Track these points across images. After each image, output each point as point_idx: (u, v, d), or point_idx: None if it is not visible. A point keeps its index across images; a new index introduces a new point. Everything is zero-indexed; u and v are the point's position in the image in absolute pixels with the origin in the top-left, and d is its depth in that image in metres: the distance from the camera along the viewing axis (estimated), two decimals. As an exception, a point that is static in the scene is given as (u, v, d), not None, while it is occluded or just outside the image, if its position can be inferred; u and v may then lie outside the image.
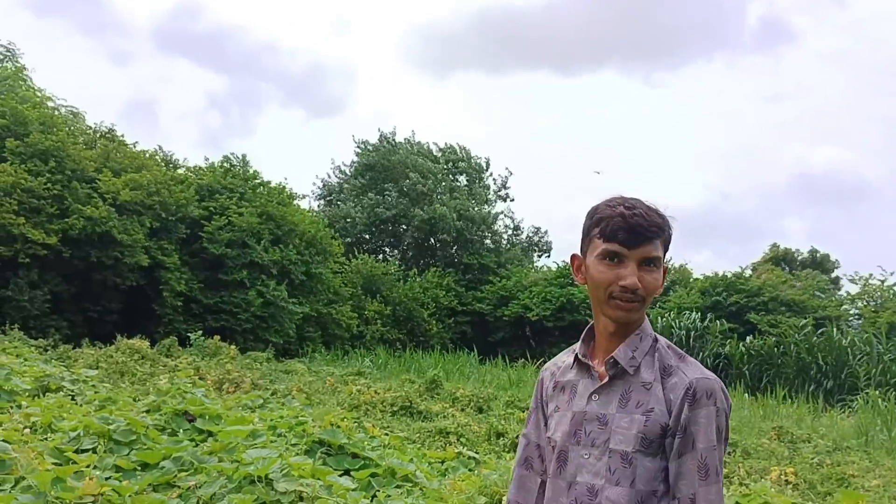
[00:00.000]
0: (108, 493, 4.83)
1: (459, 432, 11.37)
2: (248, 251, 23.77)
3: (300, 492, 5.59)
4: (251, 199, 25.07)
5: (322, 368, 19.93)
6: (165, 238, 22.83)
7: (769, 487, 7.50)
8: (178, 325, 22.27)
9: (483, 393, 15.68)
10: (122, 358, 13.54)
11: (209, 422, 7.94)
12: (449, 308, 33.25)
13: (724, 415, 1.66)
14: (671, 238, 1.81)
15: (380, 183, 37.90)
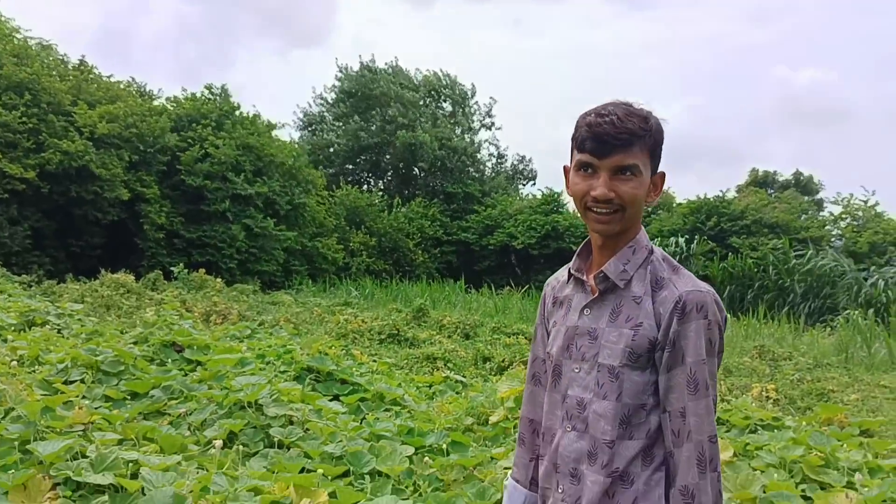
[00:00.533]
0: (98, 422, 4.87)
1: (446, 358, 11.51)
2: (230, 184, 23.50)
3: (290, 416, 5.66)
4: (229, 129, 24.66)
5: (309, 300, 20.00)
6: (144, 170, 22.50)
7: (750, 403, 7.68)
8: (162, 259, 22.14)
9: (469, 320, 15.82)
10: (107, 292, 13.50)
11: (197, 352, 7.97)
12: (434, 238, 33.27)
13: (717, 327, 1.63)
14: (659, 143, 1.73)
15: (362, 111, 37.38)
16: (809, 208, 32.68)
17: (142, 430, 4.83)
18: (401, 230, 31.82)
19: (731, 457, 5.20)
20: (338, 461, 4.88)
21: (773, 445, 5.47)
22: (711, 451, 1.59)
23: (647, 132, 1.69)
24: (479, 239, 33.33)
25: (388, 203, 34.19)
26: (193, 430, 5.38)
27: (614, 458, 1.67)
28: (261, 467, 4.51)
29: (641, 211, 1.77)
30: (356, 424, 6.01)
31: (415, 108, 37.20)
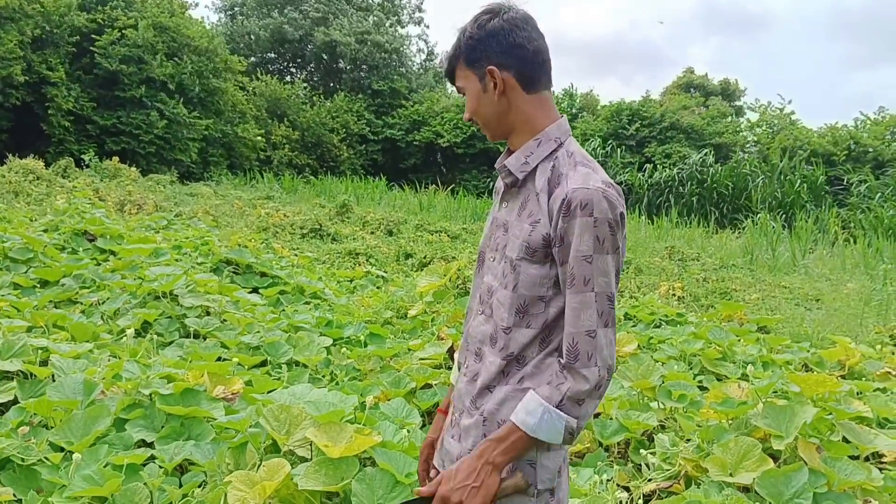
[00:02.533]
0: (6, 309, 4.75)
1: (369, 253, 11.57)
2: (144, 67, 22.32)
3: (207, 307, 5.64)
4: (139, 9, 23.24)
5: (229, 192, 19.56)
6: (51, 51, 21.12)
7: (657, 300, 8.05)
8: (71, 146, 21.12)
9: (393, 217, 15.84)
10: (14, 178, 12.89)
11: (111, 241, 7.79)
12: (360, 135, 32.71)
13: (607, 224, 1.60)
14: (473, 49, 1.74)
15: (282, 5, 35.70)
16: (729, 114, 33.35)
17: (52, 318, 4.75)
18: (324, 125, 31.12)
19: (635, 349, 5.48)
20: (255, 351, 4.93)
21: (674, 339, 5.78)
22: (586, 344, 1.61)
23: (458, 53, 1.76)
24: (405, 135, 32.96)
25: (311, 97, 33.24)
26: (106, 320, 5.31)
27: (510, 343, 1.74)
28: (175, 356, 4.51)
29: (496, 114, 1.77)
30: (274, 316, 6.05)
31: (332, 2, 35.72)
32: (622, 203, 1.66)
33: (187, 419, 3.26)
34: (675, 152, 27.37)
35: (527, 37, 1.73)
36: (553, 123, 1.78)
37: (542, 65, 1.76)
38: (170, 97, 23.05)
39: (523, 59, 1.73)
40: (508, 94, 1.73)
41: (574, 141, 1.80)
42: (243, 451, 3.00)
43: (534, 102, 1.76)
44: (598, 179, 1.65)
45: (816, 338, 7.03)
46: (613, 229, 1.61)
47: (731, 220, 22.30)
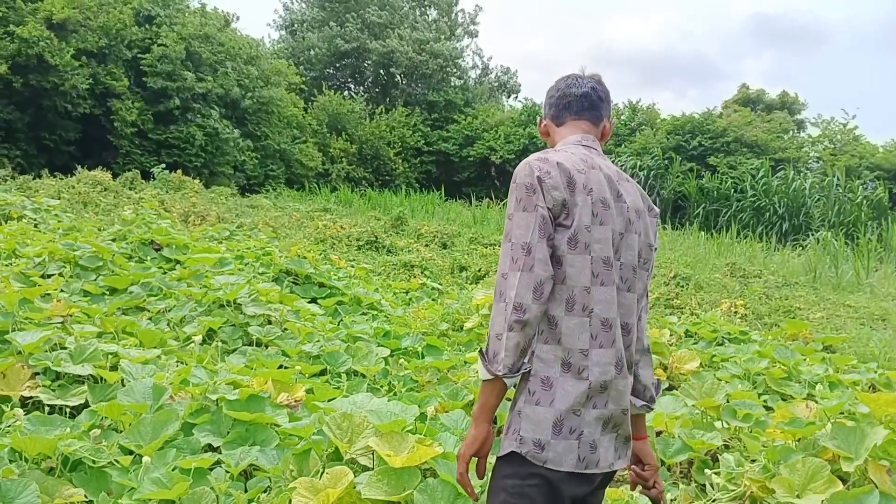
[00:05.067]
0: (77, 315, 4.90)
1: (424, 265, 11.62)
2: (184, 81, 22.82)
3: (269, 316, 5.74)
4: (184, 22, 23.80)
5: (288, 204, 19.89)
6: (114, 63, 21.82)
7: (719, 317, 7.89)
8: (137, 158, 21.77)
9: (447, 230, 15.89)
10: (84, 189, 13.34)
11: (176, 251, 7.99)
12: (415, 148, 32.96)
13: (522, 188, 1.91)
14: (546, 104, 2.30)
15: (341, 14, 36.28)
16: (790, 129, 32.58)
17: (121, 324, 4.89)
18: (382, 138, 31.44)
19: (697, 367, 5.38)
20: (315, 360, 4.99)
21: (738, 358, 5.66)
22: (502, 285, 1.87)
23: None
24: (460, 150, 33.08)
25: (371, 111, 33.64)
26: (173, 326, 5.45)
27: None
28: (239, 363, 4.60)
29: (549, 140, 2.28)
30: (333, 326, 6.12)
31: (393, 10, 36.14)
32: (545, 170, 1.93)
33: (252, 425, 3.32)
34: (741, 164, 26.84)
35: (563, 85, 2.25)
36: (561, 140, 2.20)
37: (569, 105, 2.23)
38: (211, 109, 23.43)
39: (556, 104, 2.25)
40: (551, 134, 2.27)
41: (567, 147, 2.12)
42: (307, 457, 3.04)
43: (568, 130, 2.22)
44: (534, 157, 1.99)
45: (884, 358, 6.80)
46: (525, 191, 1.90)
47: (791, 237, 21.75)
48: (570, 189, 1.91)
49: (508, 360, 1.82)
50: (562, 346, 1.88)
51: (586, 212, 1.91)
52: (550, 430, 1.86)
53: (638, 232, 2.05)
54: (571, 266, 1.89)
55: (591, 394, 1.89)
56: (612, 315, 1.93)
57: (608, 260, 1.93)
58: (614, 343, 1.93)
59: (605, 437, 1.93)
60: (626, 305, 2.01)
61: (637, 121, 33.39)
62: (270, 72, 26.24)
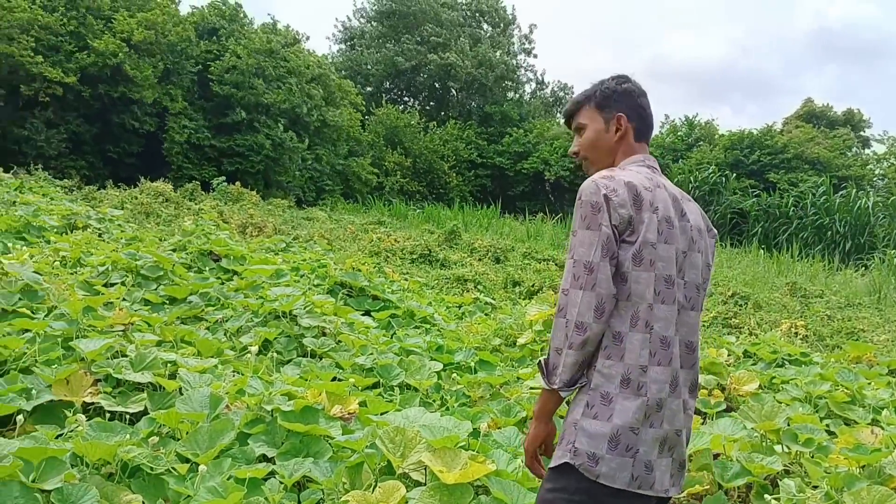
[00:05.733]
0: (138, 323, 5.02)
1: (477, 280, 11.60)
2: (253, 90, 23.34)
3: (323, 327, 5.79)
4: (250, 36, 24.39)
5: (343, 217, 20.14)
6: (175, 81, 22.48)
7: (779, 338, 7.68)
8: (188, 171, 22.34)
9: (501, 244, 15.86)
10: (146, 199, 13.72)
11: (234, 262, 8.14)
12: (469, 161, 33.04)
13: (588, 205, 1.92)
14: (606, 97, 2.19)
15: (399, 31, 36.69)
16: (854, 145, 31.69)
17: (180, 334, 4.98)
18: (436, 152, 31.63)
19: (756, 389, 5.24)
20: (368, 373, 5.01)
21: (799, 380, 5.49)
22: (563, 301, 1.91)
23: (588, 97, 2.22)
24: (514, 164, 33.05)
25: (425, 124, 33.87)
26: (229, 336, 5.54)
27: None
28: (294, 374, 4.64)
29: (606, 147, 2.19)
30: (387, 339, 6.14)
31: (452, 27, 36.40)
32: (612, 188, 1.93)
33: (306, 437, 3.34)
34: (802, 181, 26.18)
35: (646, 103, 2.23)
36: (622, 163, 2.16)
37: (649, 126, 2.22)
38: (277, 122, 23.93)
39: (641, 118, 2.20)
40: (625, 137, 2.16)
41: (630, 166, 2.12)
42: (359, 471, 3.05)
43: (634, 148, 2.17)
44: (601, 175, 2.00)
45: (954, 384, 6.51)
46: (591, 208, 1.92)
47: (853, 256, 21.09)
48: (637, 206, 1.93)
49: (566, 375, 1.90)
50: (624, 362, 1.90)
51: (652, 229, 1.93)
52: (606, 445, 1.87)
53: (701, 251, 2.07)
54: (636, 282, 1.91)
55: (649, 412, 1.90)
56: (671, 333, 1.94)
57: (670, 278, 1.95)
58: (671, 362, 1.94)
59: (662, 461, 1.92)
60: (690, 324, 2.02)
61: (694, 136, 32.91)
62: (336, 89, 26.71)
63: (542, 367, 1.96)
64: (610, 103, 2.18)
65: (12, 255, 6.04)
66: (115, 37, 20.07)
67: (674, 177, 27.17)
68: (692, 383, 2.04)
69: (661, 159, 31.02)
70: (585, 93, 2.25)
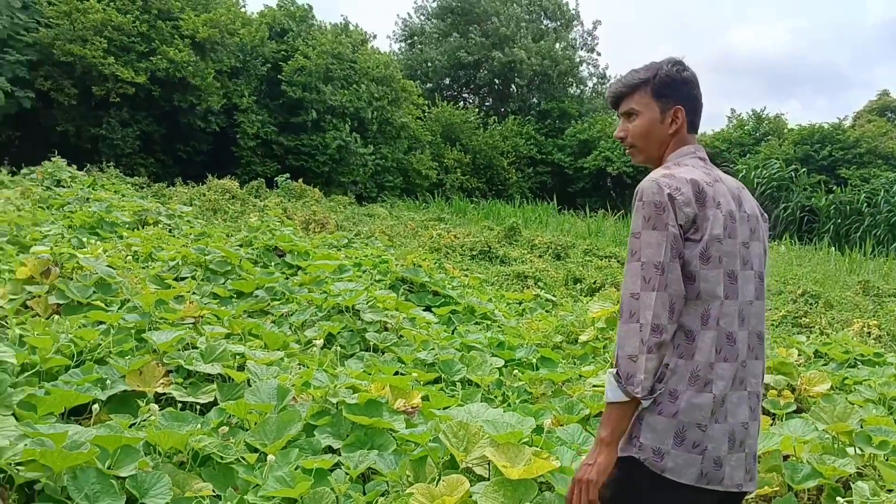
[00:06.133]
0: (208, 316, 5.15)
1: (537, 276, 11.55)
2: (321, 93, 23.69)
3: (385, 322, 5.85)
4: (319, 38, 24.75)
5: (403, 214, 20.28)
6: (244, 80, 22.97)
7: (851, 337, 7.44)
8: (256, 167, 22.81)
9: (561, 241, 15.74)
10: (213, 196, 14.07)
11: (298, 257, 8.28)
12: (528, 157, 32.86)
13: (651, 206, 1.88)
14: (664, 85, 2.08)
15: (462, 26, 36.69)
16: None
17: (248, 327, 5.10)
18: (495, 148, 31.54)
19: (828, 389, 5.09)
20: (430, 368, 5.04)
21: (873, 381, 5.30)
22: (632, 305, 1.86)
23: (644, 81, 2.10)
24: (574, 160, 32.71)
25: (484, 121, 33.82)
26: (294, 330, 5.64)
27: None
28: (357, 368, 4.70)
29: (658, 139, 2.11)
30: (448, 334, 6.16)
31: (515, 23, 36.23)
32: (675, 187, 1.89)
33: (370, 429, 3.38)
34: (875, 177, 25.26)
35: (700, 93, 2.15)
36: (674, 153, 2.10)
37: (700, 116, 2.16)
38: (344, 123, 24.26)
39: (696, 109, 2.13)
40: (679, 130, 2.09)
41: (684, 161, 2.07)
42: (423, 464, 3.07)
43: (686, 140, 2.11)
44: (660, 174, 1.95)
45: None
46: (655, 209, 1.87)
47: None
48: (701, 203, 1.90)
49: (647, 382, 1.85)
50: (694, 360, 1.88)
51: (717, 225, 1.90)
52: (672, 441, 1.86)
53: (760, 239, 2.06)
54: (705, 281, 1.89)
55: (715, 408, 1.89)
56: (736, 328, 1.93)
57: (733, 273, 1.93)
58: (737, 357, 1.93)
59: (733, 456, 1.91)
60: (758, 314, 2.01)
61: (762, 130, 32.06)
62: (399, 89, 26.96)
63: (615, 380, 1.88)
64: (668, 92, 2.09)
65: (87, 250, 6.26)
66: (181, 39, 20.60)
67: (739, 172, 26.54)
68: (762, 373, 2.03)
69: (727, 154, 30.32)
70: (640, 76, 2.11)
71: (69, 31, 19.02)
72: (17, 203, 9.19)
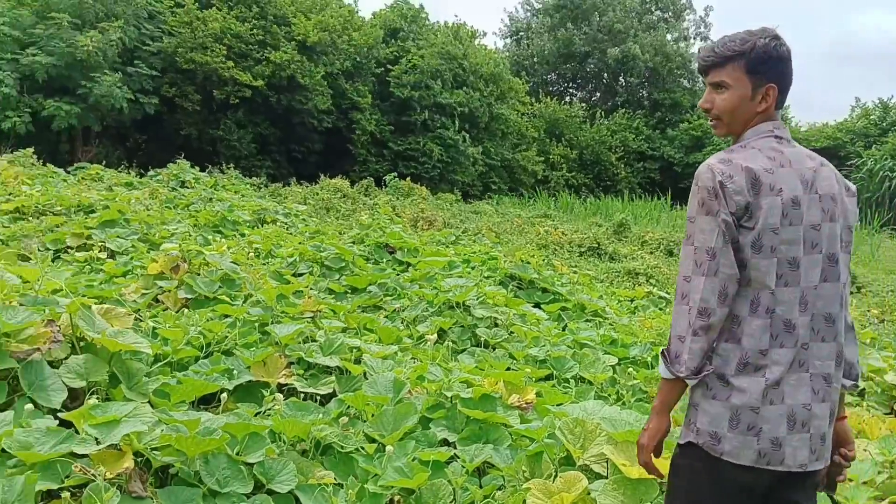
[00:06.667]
0: (325, 311, 5.30)
1: (649, 273, 11.30)
2: (431, 93, 23.96)
3: (495, 318, 5.86)
4: (429, 38, 25.03)
5: (509, 211, 20.26)
6: (359, 79, 23.53)
7: None
8: (372, 167, 23.33)
9: (673, 237, 15.35)
10: (326, 195, 14.50)
11: (408, 254, 8.41)
12: (638, 152, 32.17)
13: (705, 191, 1.89)
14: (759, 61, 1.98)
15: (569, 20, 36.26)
16: None
17: (363, 321, 5.22)
18: (603, 143, 31.05)
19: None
20: (541, 364, 5.01)
21: None
22: (684, 287, 1.91)
23: (739, 54, 2.00)
24: (686, 155, 31.78)
25: (590, 115, 33.35)
26: (406, 325, 5.73)
27: None
28: (469, 363, 4.73)
29: (745, 116, 2.03)
30: (559, 331, 6.11)
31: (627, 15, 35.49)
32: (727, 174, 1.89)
33: (485, 423, 3.40)
34: None
35: (792, 70, 2.06)
36: (752, 129, 2.04)
37: (788, 93, 2.06)
38: (452, 123, 24.47)
39: (786, 87, 2.04)
40: (768, 108, 2.02)
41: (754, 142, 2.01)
42: (539, 460, 3.06)
43: (769, 116, 2.03)
44: (718, 159, 1.94)
45: None
46: (709, 194, 1.88)
47: None
48: (755, 192, 1.89)
49: (692, 363, 1.90)
50: (741, 346, 1.91)
51: (774, 213, 1.89)
52: (727, 425, 1.91)
53: (836, 219, 2.00)
54: (756, 269, 1.90)
55: (767, 391, 1.91)
56: (795, 315, 1.92)
57: (795, 260, 1.92)
58: (797, 342, 1.93)
59: (795, 437, 1.93)
60: (826, 296, 1.98)
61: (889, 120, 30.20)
62: (505, 88, 27.03)
63: (665, 356, 1.96)
64: (763, 69, 2.00)
65: (212, 247, 6.57)
66: (291, 42, 21.32)
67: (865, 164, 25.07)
68: (837, 355, 1.99)
69: (851, 146, 28.74)
70: (733, 46, 2.02)
71: (191, 40, 20.02)
72: (146, 203, 9.74)
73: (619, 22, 34.63)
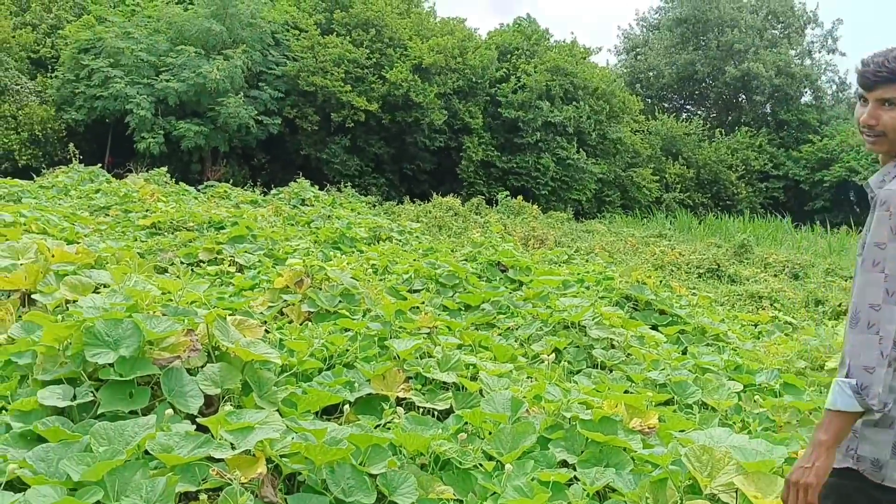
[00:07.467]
0: (441, 327, 5.36)
1: (773, 297, 10.82)
2: (539, 111, 23.89)
3: (612, 339, 5.75)
4: (541, 55, 25.01)
5: (622, 230, 19.89)
6: (472, 99, 23.78)
7: None
8: (479, 187, 23.46)
9: (799, 259, 14.65)
10: (438, 213, 14.70)
11: (520, 272, 8.39)
12: (760, 171, 30.94)
13: None
14: None
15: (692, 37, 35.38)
16: None
17: (477, 339, 5.24)
18: (722, 161, 30.05)
19: None
20: (661, 388, 4.87)
21: None
22: (872, 316, 1.81)
23: None
24: (811, 174, 30.31)
25: (709, 133, 32.35)
26: (521, 343, 5.71)
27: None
28: (586, 385, 4.66)
29: None
30: (679, 355, 5.93)
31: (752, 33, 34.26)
32: None
33: (605, 446, 3.33)
34: None
35: None
36: None
37: None
38: (567, 141, 24.29)
39: None
40: None
41: None
42: (663, 486, 2.97)
43: None
44: None
45: None
46: None
47: None
48: None
49: (885, 395, 1.85)
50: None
51: None
52: (890, 451, 1.91)
53: None
54: None
55: None
56: None
57: None
58: None
59: None
60: None
61: None
62: (618, 107, 26.71)
63: (845, 388, 1.86)
64: None
65: (333, 263, 6.77)
66: (405, 63, 21.82)
67: None
68: None
69: None
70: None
71: (312, 64, 20.83)
72: (270, 220, 10.17)
73: (739, 42, 33.49)
